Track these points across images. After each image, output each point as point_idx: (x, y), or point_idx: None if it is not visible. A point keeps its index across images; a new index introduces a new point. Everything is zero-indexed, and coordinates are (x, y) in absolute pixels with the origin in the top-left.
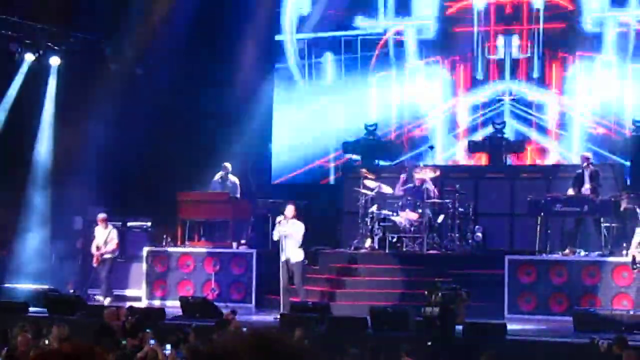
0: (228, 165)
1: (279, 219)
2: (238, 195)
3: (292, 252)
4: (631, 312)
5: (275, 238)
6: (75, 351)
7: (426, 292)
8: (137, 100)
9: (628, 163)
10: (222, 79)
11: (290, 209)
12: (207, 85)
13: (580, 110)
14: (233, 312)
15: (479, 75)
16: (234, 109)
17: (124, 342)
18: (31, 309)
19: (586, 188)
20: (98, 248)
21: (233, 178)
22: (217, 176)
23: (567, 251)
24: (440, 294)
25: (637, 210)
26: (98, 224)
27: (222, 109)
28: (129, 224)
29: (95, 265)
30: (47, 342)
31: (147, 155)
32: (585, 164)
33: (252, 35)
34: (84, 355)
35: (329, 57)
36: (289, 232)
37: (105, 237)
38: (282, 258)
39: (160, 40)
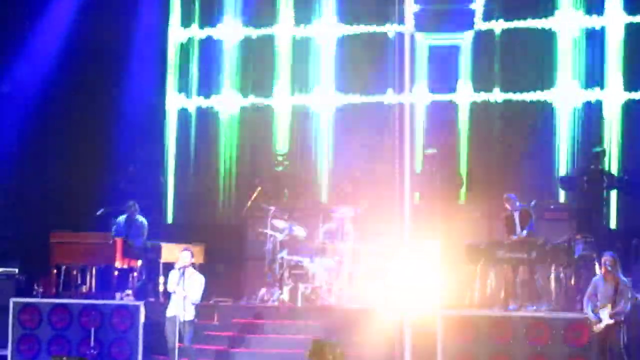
0: (134, 204)
1: (176, 266)
2: (143, 239)
3: (184, 309)
4: None
5: (170, 290)
6: None
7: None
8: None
9: None
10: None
11: (186, 257)
12: (88, 105)
13: None
14: None
15: None
16: (121, 135)
17: None
18: None
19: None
20: None
21: (141, 219)
22: (122, 217)
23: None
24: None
25: (594, 256)
26: None
27: (108, 132)
28: None
29: None
30: None
31: (14, 189)
32: (509, 206)
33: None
34: None
35: None
36: (186, 293)
37: None
38: (170, 313)
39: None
